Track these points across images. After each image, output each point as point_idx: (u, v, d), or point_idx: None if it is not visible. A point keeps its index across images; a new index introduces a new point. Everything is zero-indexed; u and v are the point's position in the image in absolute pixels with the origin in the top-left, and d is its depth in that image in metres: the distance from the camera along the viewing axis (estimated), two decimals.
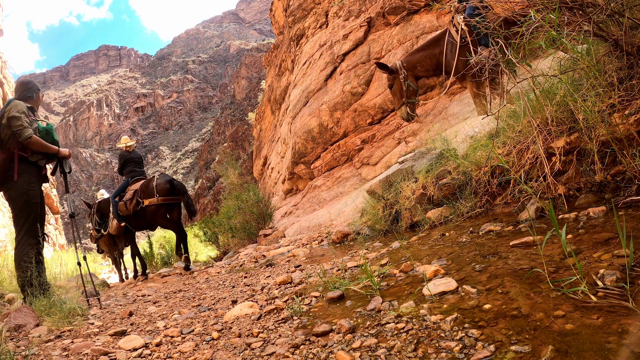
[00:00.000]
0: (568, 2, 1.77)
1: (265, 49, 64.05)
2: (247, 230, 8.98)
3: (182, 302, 2.85)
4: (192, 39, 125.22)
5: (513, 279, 1.33)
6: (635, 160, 1.60)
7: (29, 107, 3.22)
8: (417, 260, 1.95)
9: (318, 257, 3.34)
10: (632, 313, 0.98)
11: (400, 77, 4.29)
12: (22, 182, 3.03)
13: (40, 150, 3.11)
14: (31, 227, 3.03)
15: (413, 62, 4.29)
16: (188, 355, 1.62)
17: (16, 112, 3.00)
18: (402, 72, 4.28)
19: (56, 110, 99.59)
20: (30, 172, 3.10)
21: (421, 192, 2.89)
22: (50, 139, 3.19)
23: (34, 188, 3.09)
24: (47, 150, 3.15)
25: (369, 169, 7.65)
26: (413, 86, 4.28)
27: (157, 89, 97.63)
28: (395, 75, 4.33)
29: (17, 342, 2.04)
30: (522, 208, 2.09)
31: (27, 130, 2.97)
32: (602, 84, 1.73)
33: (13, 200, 3.06)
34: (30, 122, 3.09)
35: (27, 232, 3.02)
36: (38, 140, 3.05)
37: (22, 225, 3.03)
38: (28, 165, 3.10)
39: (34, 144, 3.03)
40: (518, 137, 2.17)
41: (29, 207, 3.04)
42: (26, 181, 3.05)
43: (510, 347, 1.00)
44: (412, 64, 4.29)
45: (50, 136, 3.20)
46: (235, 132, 41.60)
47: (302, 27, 11.18)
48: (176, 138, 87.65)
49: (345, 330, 1.39)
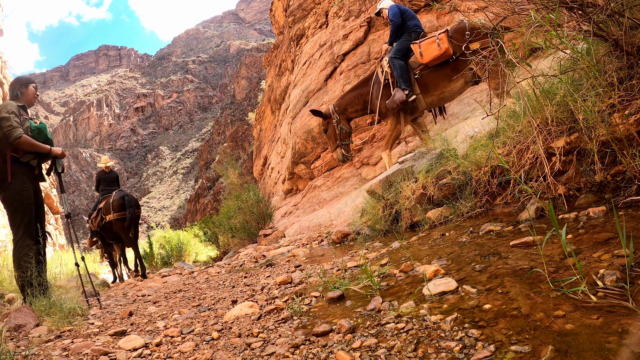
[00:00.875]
0: (568, 2, 1.77)
1: (265, 49, 64.07)
2: (247, 230, 8.98)
3: (182, 302, 2.85)
4: (192, 39, 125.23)
5: (513, 279, 1.33)
6: (635, 160, 1.60)
7: (20, 105, 3.18)
8: (417, 260, 1.95)
9: (318, 257, 3.34)
10: (632, 313, 0.98)
11: (334, 121, 4.56)
12: (16, 183, 3.01)
13: (31, 149, 3.06)
14: (27, 227, 3.02)
15: (344, 105, 4.57)
16: (188, 355, 1.62)
17: (5, 113, 2.97)
18: (334, 117, 4.55)
19: (56, 110, 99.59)
20: (23, 173, 3.07)
21: (421, 192, 2.89)
22: (42, 137, 3.14)
23: (28, 188, 3.07)
24: (38, 150, 3.10)
25: (369, 169, 7.65)
26: (346, 129, 4.56)
27: (157, 89, 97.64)
28: (328, 119, 4.59)
29: (17, 342, 2.04)
30: (522, 208, 2.09)
31: (16, 131, 2.94)
32: (602, 84, 1.73)
33: (7, 201, 3.05)
34: (21, 122, 3.05)
35: (24, 233, 3.01)
36: (28, 140, 3.01)
37: (19, 226, 3.02)
38: (20, 165, 3.07)
39: (23, 144, 2.99)
40: (518, 137, 2.17)
41: (23, 208, 3.02)
42: (19, 182, 3.03)
43: (510, 347, 1.00)
44: (343, 106, 4.57)
45: (43, 135, 3.15)
46: (235, 132, 41.62)
47: (302, 27, 11.18)
48: (176, 138, 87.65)
49: (345, 330, 1.39)
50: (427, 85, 4.05)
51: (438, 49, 3.82)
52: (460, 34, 3.89)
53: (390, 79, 4.18)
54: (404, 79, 4.01)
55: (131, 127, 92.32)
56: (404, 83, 4.01)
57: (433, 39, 3.89)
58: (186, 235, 11.26)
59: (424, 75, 4.01)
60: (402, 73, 4.03)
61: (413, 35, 4.23)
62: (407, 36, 4.25)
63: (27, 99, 3.32)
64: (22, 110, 3.18)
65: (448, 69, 3.92)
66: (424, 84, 4.05)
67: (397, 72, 4.05)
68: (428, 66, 3.98)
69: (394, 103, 4.02)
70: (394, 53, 4.15)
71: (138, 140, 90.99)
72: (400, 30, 4.30)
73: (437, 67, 3.95)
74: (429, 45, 3.89)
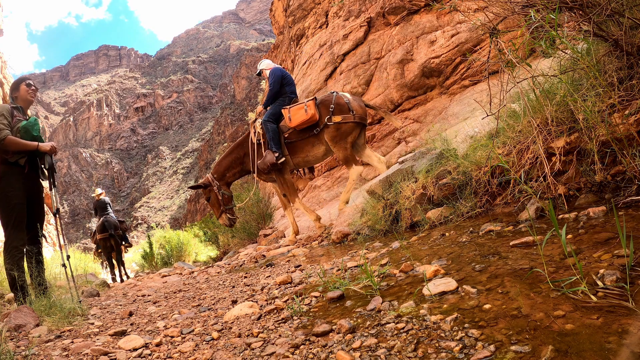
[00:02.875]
0: (568, 2, 1.77)
1: (265, 49, 64.03)
2: (247, 230, 8.97)
3: (182, 302, 2.85)
4: (192, 39, 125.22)
5: (513, 279, 1.33)
6: (635, 160, 1.60)
7: (14, 107, 3.18)
8: (417, 260, 1.95)
9: (318, 257, 3.34)
10: (632, 313, 0.98)
11: (215, 188, 4.74)
12: (2, 184, 3.02)
13: (17, 149, 3.06)
14: (16, 228, 3.02)
15: (222, 171, 4.80)
16: (188, 355, 1.62)
17: None
18: (214, 184, 4.74)
19: (56, 110, 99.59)
20: (11, 173, 3.07)
21: (421, 192, 2.89)
22: (28, 136, 3.11)
23: (15, 188, 3.06)
24: (25, 148, 3.08)
25: (369, 169, 7.65)
26: (227, 194, 4.77)
27: (157, 89, 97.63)
28: (209, 187, 4.77)
29: (17, 342, 2.04)
30: (522, 208, 2.09)
31: (1, 132, 2.96)
32: (602, 84, 1.73)
33: None
34: (13, 123, 3.06)
35: (11, 234, 3.00)
36: (12, 140, 3.01)
37: (6, 227, 3.02)
38: (8, 166, 3.07)
39: (8, 144, 2.99)
40: (518, 137, 2.17)
41: (10, 208, 3.02)
42: (5, 183, 3.03)
43: (510, 347, 1.00)
44: (221, 173, 4.80)
45: (29, 133, 3.12)
46: (235, 132, 41.63)
47: (302, 27, 11.18)
48: (176, 138, 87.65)
49: (345, 330, 1.39)
50: (295, 148, 4.47)
51: (305, 114, 4.22)
52: (325, 107, 4.32)
53: (262, 140, 4.51)
54: (274, 142, 4.40)
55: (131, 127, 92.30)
56: (274, 145, 4.39)
57: (302, 105, 4.28)
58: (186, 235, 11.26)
59: (292, 138, 4.44)
60: (273, 136, 4.41)
61: (287, 100, 4.65)
62: (281, 101, 4.65)
63: (22, 98, 3.31)
64: (16, 112, 3.18)
65: (312, 136, 4.37)
66: (291, 146, 4.46)
67: (269, 135, 4.43)
68: (296, 130, 4.40)
69: (264, 164, 4.41)
70: (267, 117, 4.52)
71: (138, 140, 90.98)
72: (277, 95, 4.68)
73: (303, 133, 4.39)
74: (298, 111, 4.28)
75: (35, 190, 3.25)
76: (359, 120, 4.31)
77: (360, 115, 4.32)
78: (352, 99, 4.40)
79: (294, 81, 5.22)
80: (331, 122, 4.24)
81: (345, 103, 4.30)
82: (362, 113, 4.36)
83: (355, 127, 4.32)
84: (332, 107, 4.26)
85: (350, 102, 4.32)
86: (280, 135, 4.46)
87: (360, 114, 4.34)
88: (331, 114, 4.24)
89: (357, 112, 4.30)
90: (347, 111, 4.26)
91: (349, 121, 4.24)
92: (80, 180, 78.04)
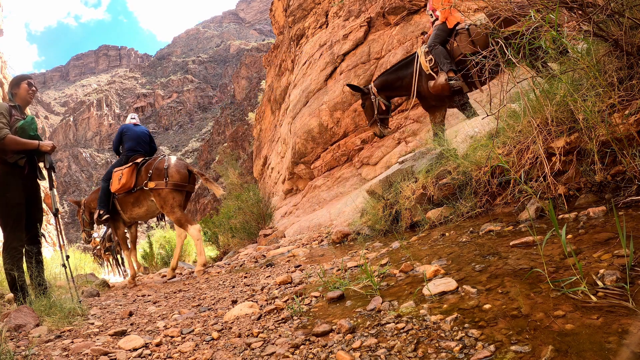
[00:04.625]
0: (568, 2, 1.77)
1: (265, 49, 64.04)
2: (247, 230, 8.97)
3: (182, 302, 2.85)
4: (192, 39, 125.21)
5: (513, 279, 1.33)
6: (635, 160, 1.60)
7: (12, 105, 3.15)
8: (417, 260, 1.95)
9: (318, 257, 3.34)
10: (632, 313, 0.98)
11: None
12: (2, 185, 3.00)
13: (17, 148, 3.02)
14: (14, 229, 3.01)
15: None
16: (188, 355, 1.62)
17: None
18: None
19: (56, 110, 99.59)
20: (9, 174, 3.04)
21: (421, 192, 2.89)
22: (25, 135, 3.08)
23: (13, 189, 3.03)
24: (25, 147, 3.05)
25: (369, 169, 7.65)
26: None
27: (157, 89, 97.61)
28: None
29: (17, 342, 2.04)
30: (522, 208, 2.09)
31: (0, 131, 2.92)
32: (602, 84, 1.73)
33: None
34: (12, 122, 3.03)
35: (11, 234, 2.99)
36: (12, 140, 2.97)
37: (5, 228, 3.01)
38: (7, 166, 3.04)
39: (7, 144, 2.96)
40: (518, 137, 2.17)
41: (9, 209, 3.00)
42: (5, 183, 3.01)
43: (510, 347, 1.00)
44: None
45: (26, 133, 3.08)
46: (235, 132, 41.62)
47: (302, 27, 11.18)
48: (176, 138, 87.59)
49: (345, 330, 1.39)
50: (122, 206, 4.95)
51: (119, 182, 4.67)
52: (145, 171, 4.70)
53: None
54: (103, 203, 4.93)
55: None
56: (103, 207, 4.92)
57: (119, 172, 4.72)
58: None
59: (120, 198, 4.90)
60: (103, 195, 4.96)
61: (124, 159, 4.97)
62: (119, 159, 5.06)
63: (22, 97, 3.27)
64: (14, 111, 3.14)
65: (132, 197, 4.81)
66: (121, 204, 4.94)
67: (102, 192, 4.98)
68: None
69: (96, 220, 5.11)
70: (105, 176, 5.05)
71: None
72: (118, 152, 5.19)
73: (126, 194, 4.82)
74: (116, 177, 4.74)
75: (33, 190, 3.24)
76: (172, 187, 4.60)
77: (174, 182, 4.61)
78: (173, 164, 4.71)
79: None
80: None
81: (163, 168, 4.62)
82: (178, 179, 4.63)
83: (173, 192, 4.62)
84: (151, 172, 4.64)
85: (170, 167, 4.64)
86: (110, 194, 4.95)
87: (177, 180, 4.61)
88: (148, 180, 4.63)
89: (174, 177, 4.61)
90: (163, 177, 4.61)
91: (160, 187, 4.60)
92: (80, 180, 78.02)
